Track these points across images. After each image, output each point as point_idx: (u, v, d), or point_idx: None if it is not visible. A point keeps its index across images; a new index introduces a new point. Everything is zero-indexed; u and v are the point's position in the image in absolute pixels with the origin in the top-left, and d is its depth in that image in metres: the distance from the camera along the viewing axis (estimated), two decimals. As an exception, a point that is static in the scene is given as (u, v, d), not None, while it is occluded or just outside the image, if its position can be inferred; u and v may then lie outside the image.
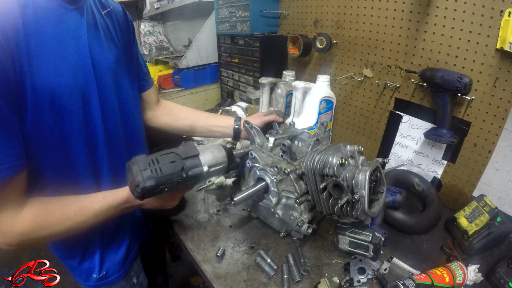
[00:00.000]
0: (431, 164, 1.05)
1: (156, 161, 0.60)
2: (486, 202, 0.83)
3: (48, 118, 0.57)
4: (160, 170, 0.59)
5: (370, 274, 0.71)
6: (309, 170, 0.73)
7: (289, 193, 0.80)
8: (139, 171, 0.58)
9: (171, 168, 0.61)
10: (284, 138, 0.86)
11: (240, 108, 1.51)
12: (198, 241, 0.87)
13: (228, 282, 0.73)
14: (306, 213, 0.80)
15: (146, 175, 0.58)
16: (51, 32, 0.57)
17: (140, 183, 0.57)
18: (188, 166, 0.64)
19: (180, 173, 0.62)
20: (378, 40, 1.08)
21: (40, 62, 0.54)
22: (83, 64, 0.63)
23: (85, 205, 0.64)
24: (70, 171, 0.65)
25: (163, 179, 0.59)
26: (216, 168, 0.71)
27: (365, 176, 0.66)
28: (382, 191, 0.75)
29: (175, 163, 0.62)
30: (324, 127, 0.92)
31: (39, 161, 0.59)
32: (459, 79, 0.83)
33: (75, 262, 0.76)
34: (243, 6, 1.45)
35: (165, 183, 0.60)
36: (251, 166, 0.86)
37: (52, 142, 0.60)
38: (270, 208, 0.84)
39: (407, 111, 1.07)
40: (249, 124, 0.91)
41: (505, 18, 0.77)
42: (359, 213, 0.68)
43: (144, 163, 0.60)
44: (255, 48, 1.44)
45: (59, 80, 0.57)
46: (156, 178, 0.58)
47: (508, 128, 0.86)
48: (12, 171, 0.52)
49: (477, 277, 0.69)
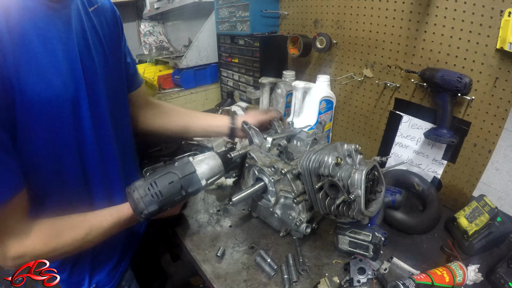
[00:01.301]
0: (431, 164, 1.05)
1: (155, 184, 0.62)
2: (486, 202, 0.83)
3: (38, 132, 0.53)
4: (160, 193, 0.62)
5: (370, 274, 0.71)
6: (305, 170, 0.73)
7: (287, 193, 0.80)
8: (141, 199, 0.60)
9: (171, 189, 0.63)
10: (282, 138, 0.86)
11: (240, 108, 1.51)
12: (198, 241, 0.87)
13: (228, 282, 0.73)
14: (304, 213, 0.80)
15: (148, 200, 0.60)
16: (37, 38, 0.51)
17: (143, 210, 0.60)
18: (186, 184, 0.65)
19: (179, 192, 0.64)
20: (378, 40, 1.08)
21: (28, 72, 0.49)
22: (73, 70, 0.58)
23: (94, 224, 0.63)
24: (63, 185, 0.63)
25: (164, 201, 0.62)
26: (213, 179, 0.72)
27: (361, 175, 0.66)
28: (380, 190, 0.74)
29: (173, 184, 0.63)
30: (323, 126, 0.92)
31: (31, 178, 0.56)
32: (459, 79, 0.83)
33: (64, 275, 0.74)
34: (243, 6, 1.45)
35: (166, 204, 0.63)
36: (250, 166, 0.86)
37: (44, 157, 0.57)
38: (269, 207, 0.84)
39: (407, 111, 1.07)
40: (247, 125, 0.90)
41: (505, 18, 0.77)
42: (356, 213, 0.68)
43: (143, 189, 0.61)
44: (255, 48, 1.44)
45: (49, 91, 0.53)
46: (158, 202, 0.61)
47: (508, 128, 0.86)
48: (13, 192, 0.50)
49: (477, 277, 0.69)
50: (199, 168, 0.69)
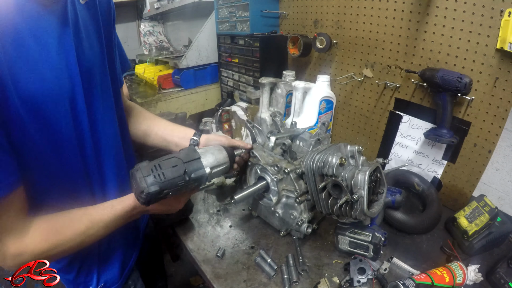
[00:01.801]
0: (431, 164, 1.05)
1: (159, 166, 0.61)
2: (486, 202, 0.83)
3: (34, 130, 0.53)
4: (163, 175, 0.60)
5: (370, 274, 0.71)
6: (308, 169, 0.73)
7: (289, 192, 0.80)
8: (143, 178, 0.59)
9: (174, 172, 0.62)
10: (285, 138, 0.86)
11: (240, 108, 1.51)
12: (198, 241, 0.87)
13: (228, 282, 0.73)
14: (306, 213, 0.80)
15: (150, 181, 0.59)
16: (29, 33, 0.50)
17: (144, 189, 0.58)
18: (190, 169, 0.65)
19: (183, 177, 0.63)
20: (378, 40, 1.08)
21: (21, 68, 0.49)
22: (68, 65, 0.57)
23: (94, 217, 0.62)
24: (66, 180, 0.62)
25: (167, 183, 0.60)
26: (218, 169, 0.71)
27: (365, 176, 0.66)
28: (382, 192, 0.75)
29: (177, 167, 0.63)
30: (326, 127, 0.92)
31: (31, 174, 0.55)
32: (459, 79, 0.83)
33: (71, 276, 0.73)
34: (243, 6, 1.45)
35: (169, 188, 0.61)
36: (252, 165, 0.86)
37: (43, 151, 0.56)
38: (271, 207, 0.84)
39: (407, 111, 1.07)
40: (250, 123, 0.90)
41: (505, 18, 0.77)
42: (358, 213, 0.68)
43: (147, 169, 0.60)
44: (255, 48, 1.44)
45: (43, 86, 0.52)
46: (160, 183, 0.59)
47: (508, 128, 0.86)
48: (9, 189, 0.50)
49: (477, 277, 0.69)
50: (204, 156, 0.69)
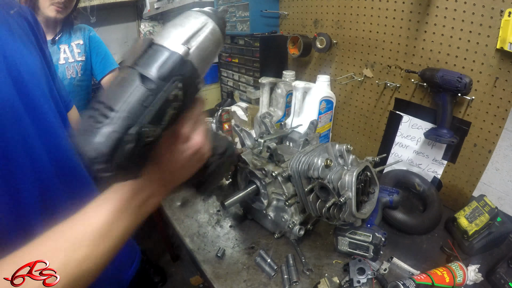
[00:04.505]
0: (431, 164, 1.05)
1: (101, 103, 0.31)
2: (486, 202, 0.83)
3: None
4: (111, 108, 0.31)
5: (370, 274, 0.71)
6: (295, 172, 0.72)
7: (279, 196, 0.79)
8: (81, 137, 0.30)
9: (130, 96, 0.31)
10: (273, 140, 0.84)
11: (240, 108, 1.51)
12: (198, 241, 0.87)
13: (228, 282, 0.73)
14: (297, 215, 0.79)
15: (95, 136, 0.29)
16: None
17: (91, 152, 0.29)
18: (155, 71, 0.33)
19: (149, 92, 0.32)
20: (378, 40, 1.08)
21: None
22: (8, 72, 0.47)
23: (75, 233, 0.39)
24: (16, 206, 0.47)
25: (126, 118, 0.30)
26: (201, 41, 0.40)
27: (352, 177, 0.65)
28: (373, 191, 0.73)
29: (128, 80, 0.32)
30: (315, 126, 0.90)
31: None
32: (459, 79, 0.83)
33: None
34: (243, 6, 1.45)
35: (133, 123, 0.31)
36: (242, 169, 0.85)
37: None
38: (263, 210, 0.83)
39: (407, 111, 1.07)
40: (238, 127, 0.89)
41: (505, 18, 0.77)
42: (347, 215, 0.67)
43: (84, 121, 0.31)
44: (255, 48, 1.44)
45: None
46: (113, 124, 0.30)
47: (508, 128, 0.86)
48: None
49: (477, 277, 0.69)
50: (163, 36, 0.38)
